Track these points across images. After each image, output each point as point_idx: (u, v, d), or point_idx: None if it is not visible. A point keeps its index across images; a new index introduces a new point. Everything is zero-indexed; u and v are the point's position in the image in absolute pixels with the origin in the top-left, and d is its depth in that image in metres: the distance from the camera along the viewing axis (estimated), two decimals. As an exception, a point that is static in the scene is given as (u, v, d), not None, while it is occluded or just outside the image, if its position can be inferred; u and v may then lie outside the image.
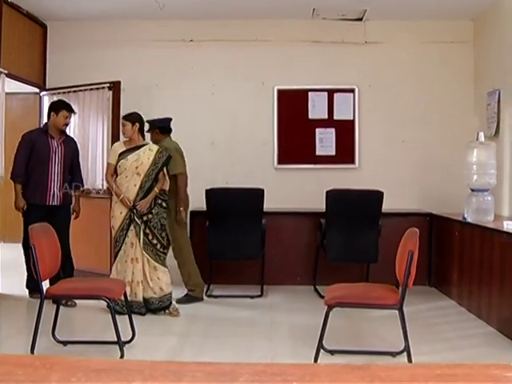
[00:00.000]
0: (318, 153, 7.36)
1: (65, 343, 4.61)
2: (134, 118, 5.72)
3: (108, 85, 6.98)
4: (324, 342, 4.23)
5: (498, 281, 5.00)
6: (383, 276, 5.86)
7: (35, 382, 1.57)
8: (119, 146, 5.76)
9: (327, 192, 6.24)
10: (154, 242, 5.58)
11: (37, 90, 7.56)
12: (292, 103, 7.38)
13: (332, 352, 4.36)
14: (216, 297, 6.38)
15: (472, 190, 5.75)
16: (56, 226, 4.95)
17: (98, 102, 7.11)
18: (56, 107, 6.00)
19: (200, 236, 6.77)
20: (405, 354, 4.31)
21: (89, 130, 7.13)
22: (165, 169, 5.74)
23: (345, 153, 7.32)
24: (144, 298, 5.55)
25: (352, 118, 7.34)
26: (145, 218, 5.57)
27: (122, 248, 5.56)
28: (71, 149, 6.13)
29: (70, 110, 6.04)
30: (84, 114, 7.13)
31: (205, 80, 7.42)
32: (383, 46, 7.35)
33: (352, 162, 7.33)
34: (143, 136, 5.82)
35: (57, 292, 4.34)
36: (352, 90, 7.33)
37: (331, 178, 7.12)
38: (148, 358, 4.51)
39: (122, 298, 4.69)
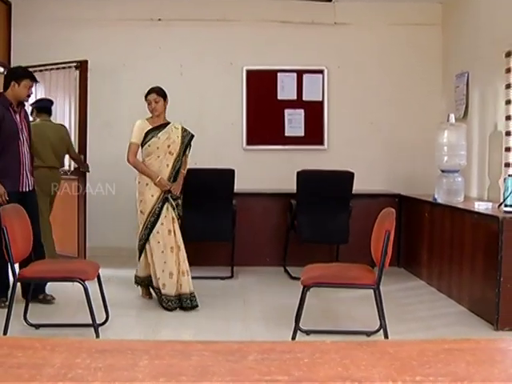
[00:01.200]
0: (287, 134, 7.34)
1: (37, 326, 4.53)
2: (164, 92, 5.36)
3: (75, 64, 6.80)
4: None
5: (468, 260, 5.08)
6: (352, 257, 5.93)
7: (38, 364, 1.51)
8: (144, 124, 5.29)
9: (298, 173, 6.23)
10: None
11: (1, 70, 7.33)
12: (261, 84, 7.34)
13: (308, 332, 4.37)
14: (187, 279, 6.33)
15: (442, 171, 5.81)
16: (28, 213, 4.72)
17: (64, 82, 6.93)
18: (17, 75, 5.13)
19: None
20: (379, 333, 4.39)
21: (56, 111, 6.95)
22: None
23: (314, 134, 7.32)
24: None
25: (321, 99, 7.34)
26: (175, 203, 5.29)
27: (155, 237, 5.18)
28: (29, 122, 5.40)
29: (33, 79, 5.22)
30: (51, 95, 6.91)
31: (173, 60, 7.32)
32: (352, 28, 7.35)
33: (321, 143, 7.34)
34: None
35: (29, 274, 4.24)
36: (321, 71, 7.32)
37: (300, 159, 7.11)
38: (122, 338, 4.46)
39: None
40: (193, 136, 5.42)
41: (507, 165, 5.62)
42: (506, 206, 4.91)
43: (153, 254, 5.17)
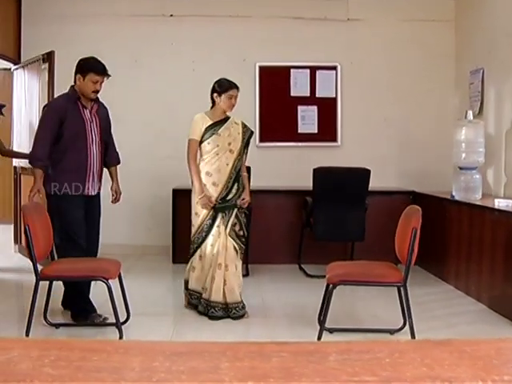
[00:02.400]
0: (300, 130, 7.31)
1: (57, 326, 4.49)
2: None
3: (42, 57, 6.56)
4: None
5: (488, 258, 5.06)
6: (367, 254, 5.88)
7: (117, 367, 1.47)
8: (203, 119, 4.92)
9: (314, 170, 6.19)
10: (241, 233, 4.90)
11: (7, 66, 7.28)
12: (274, 80, 7.30)
13: (331, 330, 4.33)
14: (201, 276, 6.29)
15: (460, 169, 5.79)
16: (90, 220, 4.69)
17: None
18: (82, 68, 4.59)
19: (183, 214, 6.66)
20: (402, 331, 4.37)
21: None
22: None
23: (327, 130, 7.29)
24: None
25: (334, 96, 7.31)
26: (236, 220, 4.85)
27: (203, 253, 4.83)
28: (105, 120, 4.87)
29: (102, 73, 4.62)
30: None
31: (185, 56, 7.27)
32: (365, 24, 7.32)
33: (334, 139, 7.31)
34: None
35: (52, 273, 4.20)
36: (334, 68, 7.29)
37: (313, 156, 7.08)
38: (143, 338, 4.43)
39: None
40: (252, 133, 5.11)
41: (525, 162, 5.62)
42: (526, 203, 4.92)
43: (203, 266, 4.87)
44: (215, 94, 4.92)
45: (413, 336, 3.99)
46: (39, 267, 4.10)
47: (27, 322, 4.07)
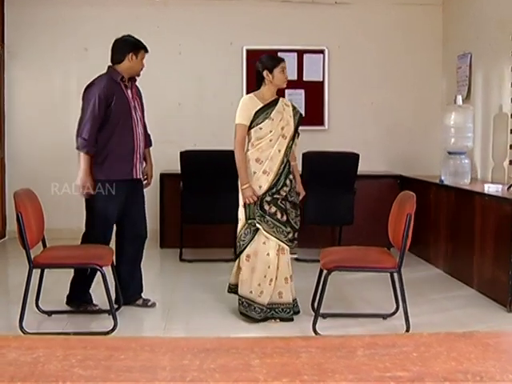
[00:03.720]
0: (287, 114, 7.27)
1: (49, 313, 4.46)
2: None
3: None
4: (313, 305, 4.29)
5: (478, 243, 5.12)
6: (355, 238, 5.93)
7: (147, 366, 1.46)
8: (252, 102, 4.38)
9: (303, 154, 6.18)
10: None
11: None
12: (261, 64, 7.23)
13: (324, 316, 4.34)
14: (190, 261, 6.28)
15: (449, 153, 5.83)
16: (136, 204, 4.63)
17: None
18: (135, 46, 4.50)
19: (171, 199, 6.65)
20: (395, 316, 4.42)
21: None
22: None
23: (314, 114, 7.26)
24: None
25: (321, 80, 7.30)
26: (285, 218, 4.34)
27: (253, 252, 4.35)
28: (142, 100, 4.73)
29: (147, 50, 4.62)
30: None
31: (172, 39, 7.19)
32: (353, 7, 7.28)
33: (321, 123, 7.31)
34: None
35: (45, 261, 4.15)
36: (322, 51, 7.27)
37: (301, 140, 6.98)
38: (137, 326, 4.41)
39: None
40: (302, 116, 4.54)
41: (513, 147, 5.67)
42: (515, 188, 4.97)
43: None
44: (265, 72, 4.36)
45: (407, 321, 4.01)
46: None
47: (21, 309, 4.01)
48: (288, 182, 4.37)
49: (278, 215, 4.30)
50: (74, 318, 4.44)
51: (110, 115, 4.36)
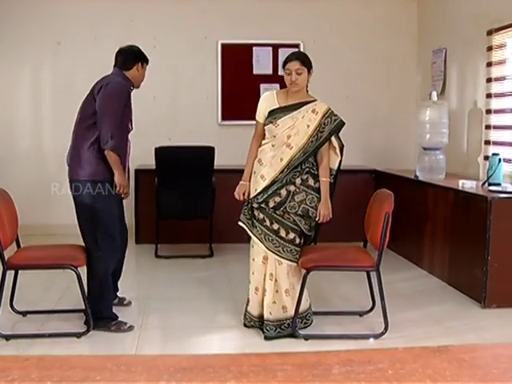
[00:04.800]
0: (262, 109, 7.26)
1: (24, 313, 4.41)
2: (310, 61, 4.01)
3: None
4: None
5: (453, 238, 5.18)
6: (329, 232, 5.94)
7: (122, 387, 1.46)
8: (268, 100, 4.07)
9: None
10: (290, 236, 4.04)
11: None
12: (236, 58, 7.24)
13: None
14: (166, 257, 6.27)
15: (424, 149, 5.86)
16: (122, 207, 4.58)
17: None
18: (144, 57, 4.49)
19: (146, 194, 6.61)
20: (371, 313, 4.45)
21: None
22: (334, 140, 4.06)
23: (289, 108, 7.26)
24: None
25: (296, 74, 7.26)
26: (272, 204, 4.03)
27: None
28: None
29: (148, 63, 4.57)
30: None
31: (146, 33, 7.09)
32: (329, 2, 7.28)
33: (296, 118, 7.29)
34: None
35: (19, 262, 4.09)
36: (297, 45, 7.23)
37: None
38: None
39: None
40: (339, 124, 4.04)
41: (487, 142, 5.72)
42: (489, 184, 5.02)
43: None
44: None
45: (385, 319, 4.04)
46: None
47: (-5, 312, 3.98)
48: (284, 192, 3.99)
49: (267, 222, 4.08)
50: (48, 319, 4.39)
51: (121, 121, 4.22)
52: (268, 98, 4.10)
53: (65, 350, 3.82)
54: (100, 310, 4.16)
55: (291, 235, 4.05)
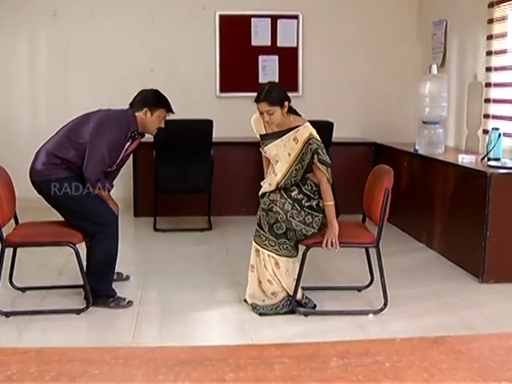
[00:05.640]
0: (261, 80, 7.16)
1: (23, 290, 4.42)
2: (280, 96, 3.88)
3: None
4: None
5: (452, 213, 5.17)
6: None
7: (121, 383, 1.46)
8: (258, 124, 4.06)
9: (278, 123, 6.16)
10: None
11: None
12: (234, 29, 7.14)
13: (302, 287, 4.31)
14: (165, 231, 6.27)
15: (424, 123, 5.83)
16: None
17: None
18: (153, 102, 4.22)
19: (144, 168, 6.59)
20: (369, 288, 4.47)
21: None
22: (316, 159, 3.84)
23: (288, 81, 7.16)
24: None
25: (295, 46, 7.21)
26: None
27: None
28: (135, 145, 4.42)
29: (170, 110, 4.29)
30: None
31: (143, 5, 7.02)
32: (328, -28, 7.17)
33: (295, 89, 7.22)
34: (293, 110, 4.02)
35: (17, 239, 4.09)
36: (296, 17, 7.16)
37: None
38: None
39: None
40: (315, 152, 3.82)
41: (487, 116, 5.69)
42: (489, 159, 5.01)
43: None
44: None
45: (385, 295, 4.05)
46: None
47: (-5, 288, 4.01)
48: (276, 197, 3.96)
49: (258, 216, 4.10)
50: (47, 295, 4.40)
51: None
52: (256, 123, 4.08)
53: (64, 326, 3.86)
54: (100, 288, 4.17)
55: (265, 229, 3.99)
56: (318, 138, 3.92)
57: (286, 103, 3.89)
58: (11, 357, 1.59)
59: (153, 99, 4.25)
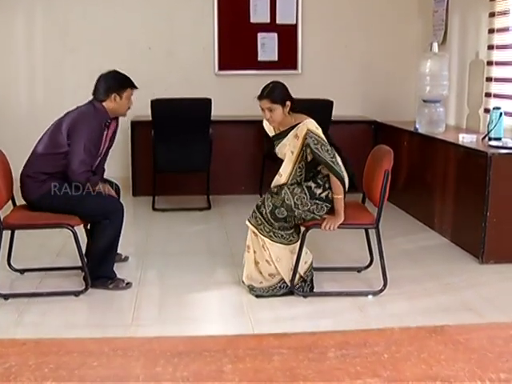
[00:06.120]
0: (260, 58, 7.14)
1: (21, 271, 4.42)
2: (283, 95, 3.94)
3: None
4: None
5: (452, 193, 5.15)
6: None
7: (119, 376, 1.46)
8: (269, 126, 4.15)
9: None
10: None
11: None
12: (233, 6, 7.04)
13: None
14: (164, 210, 6.26)
15: (424, 101, 5.78)
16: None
17: None
18: (119, 85, 4.16)
19: (143, 146, 6.56)
20: (369, 269, 4.47)
21: None
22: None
23: (287, 58, 7.14)
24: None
25: (295, 23, 7.11)
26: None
27: None
28: (116, 133, 4.42)
29: (135, 86, 4.25)
30: None
31: (140, -19, 6.93)
32: None
33: (295, 67, 7.17)
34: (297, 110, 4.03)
35: (15, 221, 4.07)
36: (295, -7, 7.08)
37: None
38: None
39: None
40: (312, 144, 3.82)
41: (488, 95, 5.65)
42: (490, 139, 4.97)
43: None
44: None
45: (385, 277, 4.05)
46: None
47: (-8, 270, 4.00)
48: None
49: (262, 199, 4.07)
50: (46, 276, 4.40)
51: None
52: (267, 125, 4.15)
53: (64, 309, 3.85)
54: (100, 270, 4.17)
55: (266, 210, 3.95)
56: (319, 133, 3.89)
57: (288, 103, 3.92)
58: (10, 349, 1.59)
59: (117, 82, 4.19)
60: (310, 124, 3.89)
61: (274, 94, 3.91)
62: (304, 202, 3.90)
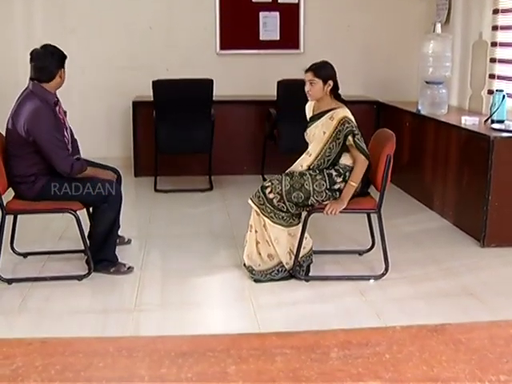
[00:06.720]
0: (261, 37, 7.10)
1: (25, 255, 4.45)
2: (327, 70, 4.03)
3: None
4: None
5: (454, 175, 5.15)
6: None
7: (125, 377, 1.47)
8: (309, 108, 4.22)
9: (278, 82, 6.12)
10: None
11: None
12: (234, -15, 6.98)
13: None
14: (165, 191, 6.27)
15: (427, 83, 5.75)
16: None
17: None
18: (64, 58, 4.09)
19: (144, 127, 6.55)
20: (371, 252, 4.49)
21: None
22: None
23: (289, 37, 7.11)
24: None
25: (297, 1, 7.05)
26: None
27: None
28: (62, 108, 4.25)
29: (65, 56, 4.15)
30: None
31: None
32: None
33: (297, 47, 7.13)
34: (338, 97, 4.09)
35: (17, 206, 4.09)
36: (297, -29, 7.00)
37: (275, 64, 6.96)
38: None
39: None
40: (348, 133, 3.88)
41: (492, 76, 5.62)
42: (492, 121, 4.96)
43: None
44: None
45: (386, 261, 4.08)
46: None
47: (-4, 254, 4.01)
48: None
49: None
50: (49, 260, 4.43)
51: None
52: (309, 108, 4.23)
53: (67, 293, 3.90)
54: (101, 255, 4.19)
55: (272, 196, 3.97)
56: (355, 123, 3.99)
57: (331, 82, 3.99)
58: (16, 349, 1.60)
59: (60, 56, 4.06)
60: (348, 112, 4.00)
61: (320, 69, 4.03)
62: (321, 191, 3.94)
